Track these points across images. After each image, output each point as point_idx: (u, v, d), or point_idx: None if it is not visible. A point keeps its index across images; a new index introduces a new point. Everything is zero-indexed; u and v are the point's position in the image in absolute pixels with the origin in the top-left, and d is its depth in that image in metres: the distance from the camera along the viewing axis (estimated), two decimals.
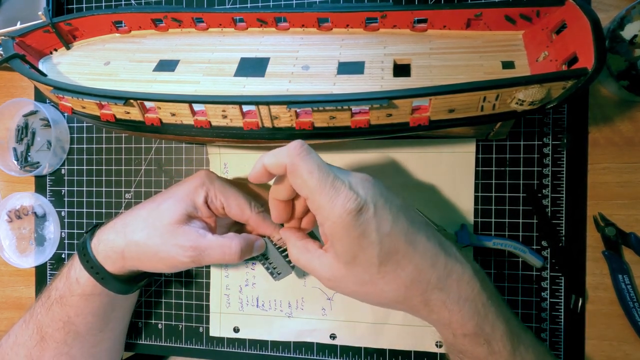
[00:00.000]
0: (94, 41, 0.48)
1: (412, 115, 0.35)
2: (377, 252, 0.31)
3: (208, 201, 0.42)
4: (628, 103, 0.43)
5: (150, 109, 0.39)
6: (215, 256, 0.40)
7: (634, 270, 0.43)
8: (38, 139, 0.57)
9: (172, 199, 0.41)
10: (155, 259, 0.40)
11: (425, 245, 0.33)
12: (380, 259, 0.32)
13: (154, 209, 0.41)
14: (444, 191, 0.46)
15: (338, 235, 0.31)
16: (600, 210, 0.44)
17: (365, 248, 0.31)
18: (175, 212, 0.40)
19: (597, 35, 0.30)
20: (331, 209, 0.31)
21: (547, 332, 0.44)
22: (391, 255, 0.32)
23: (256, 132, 0.38)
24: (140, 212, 0.41)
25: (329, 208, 0.31)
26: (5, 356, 0.44)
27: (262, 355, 0.50)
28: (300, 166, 0.31)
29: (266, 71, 0.40)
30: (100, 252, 0.41)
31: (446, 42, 0.40)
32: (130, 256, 0.40)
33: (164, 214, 0.40)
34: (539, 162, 0.45)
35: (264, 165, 0.33)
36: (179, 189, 0.42)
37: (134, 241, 0.40)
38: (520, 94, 0.32)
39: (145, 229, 0.40)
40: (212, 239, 0.40)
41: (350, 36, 0.43)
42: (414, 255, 0.32)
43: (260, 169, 0.33)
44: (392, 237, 0.32)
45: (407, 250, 0.32)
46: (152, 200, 0.42)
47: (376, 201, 0.32)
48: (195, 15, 0.45)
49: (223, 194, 0.42)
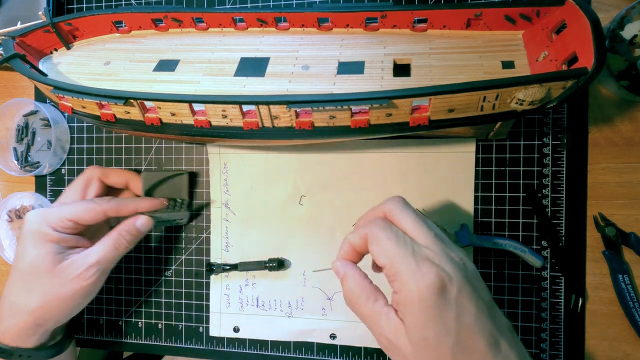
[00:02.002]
0: (94, 41, 0.48)
1: (412, 115, 0.35)
2: (452, 343, 0.28)
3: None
4: (628, 103, 0.43)
5: (150, 109, 0.39)
6: (112, 253, 0.42)
7: (634, 270, 0.43)
8: (38, 139, 0.57)
9: (30, 254, 0.41)
10: (67, 303, 0.41)
11: (507, 353, 0.29)
12: (454, 352, 0.28)
13: (26, 276, 0.41)
14: (444, 191, 0.46)
15: (412, 309, 0.29)
16: (600, 210, 0.44)
17: (439, 333, 0.28)
18: (45, 259, 0.41)
19: (597, 35, 0.30)
20: (411, 277, 0.29)
21: (547, 332, 0.44)
22: (467, 351, 0.28)
23: (256, 131, 0.38)
24: (15, 285, 0.42)
25: (409, 276, 0.29)
26: None
27: (262, 355, 0.50)
28: (380, 235, 0.30)
29: (266, 71, 0.40)
30: (8, 336, 0.41)
31: (446, 42, 0.40)
32: (45, 319, 0.41)
33: (38, 268, 0.41)
34: (539, 162, 0.45)
35: (350, 243, 0.33)
36: (26, 244, 0.42)
37: (37, 307, 0.41)
38: (520, 93, 0.32)
39: (34, 292, 0.41)
40: (99, 246, 0.42)
41: (350, 36, 0.43)
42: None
43: (348, 249, 0.33)
44: (473, 333, 0.28)
45: (486, 352, 0.28)
46: (17, 270, 0.42)
47: (463, 285, 0.29)
48: (195, 15, 0.45)
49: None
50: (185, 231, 0.52)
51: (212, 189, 0.51)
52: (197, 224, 0.52)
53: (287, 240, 0.49)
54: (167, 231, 0.52)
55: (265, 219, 0.50)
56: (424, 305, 0.28)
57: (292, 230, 0.49)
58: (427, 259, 0.29)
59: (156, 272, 0.53)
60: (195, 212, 0.52)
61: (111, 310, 0.54)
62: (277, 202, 0.49)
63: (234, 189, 0.50)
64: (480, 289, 0.30)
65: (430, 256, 0.30)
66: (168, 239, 0.52)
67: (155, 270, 0.53)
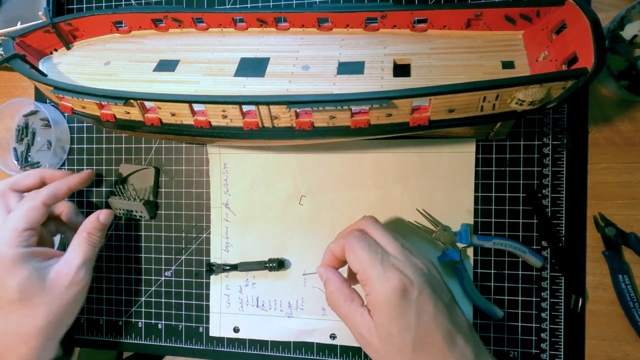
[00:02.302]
0: (94, 41, 0.48)
1: (412, 115, 0.35)
2: (412, 337, 0.32)
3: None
4: (628, 103, 0.43)
5: (150, 109, 0.39)
6: (91, 251, 0.44)
7: (634, 270, 0.43)
8: (38, 139, 0.57)
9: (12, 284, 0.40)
10: (71, 308, 0.43)
11: (463, 348, 0.33)
12: (414, 346, 0.32)
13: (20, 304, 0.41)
14: (444, 191, 0.46)
15: (380, 308, 0.33)
16: (600, 210, 0.44)
17: (401, 329, 0.32)
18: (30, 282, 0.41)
19: (597, 35, 0.30)
20: (379, 281, 0.33)
21: (547, 332, 0.44)
22: (426, 345, 0.32)
23: (256, 132, 0.38)
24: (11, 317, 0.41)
25: (377, 280, 0.33)
26: None
27: (262, 355, 0.50)
28: (355, 245, 0.35)
29: (266, 71, 0.40)
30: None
31: (446, 42, 0.40)
32: (56, 331, 0.43)
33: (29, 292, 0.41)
34: (539, 162, 0.45)
35: (331, 251, 0.38)
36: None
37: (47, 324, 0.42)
38: (520, 94, 0.32)
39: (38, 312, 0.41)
40: (76, 249, 0.44)
41: (350, 36, 0.43)
42: (449, 355, 0.32)
43: (330, 256, 0.38)
44: (430, 328, 0.32)
45: (443, 347, 0.32)
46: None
47: (423, 288, 0.33)
48: (195, 15, 0.45)
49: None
50: (185, 231, 0.52)
51: (212, 189, 0.51)
52: (197, 224, 0.52)
53: (287, 241, 0.49)
54: (167, 231, 0.52)
55: (265, 219, 0.50)
56: (389, 305, 0.33)
57: (292, 230, 0.49)
58: (393, 266, 0.34)
59: (156, 272, 0.53)
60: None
61: (111, 310, 0.54)
62: (277, 202, 0.49)
63: (234, 189, 0.50)
64: (441, 291, 0.34)
65: (396, 263, 0.34)
66: (168, 239, 0.52)
67: (155, 270, 0.53)
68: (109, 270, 0.54)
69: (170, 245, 0.52)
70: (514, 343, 0.45)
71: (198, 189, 0.52)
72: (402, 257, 0.35)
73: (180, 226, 0.52)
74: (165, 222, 0.52)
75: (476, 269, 0.46)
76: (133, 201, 0.51)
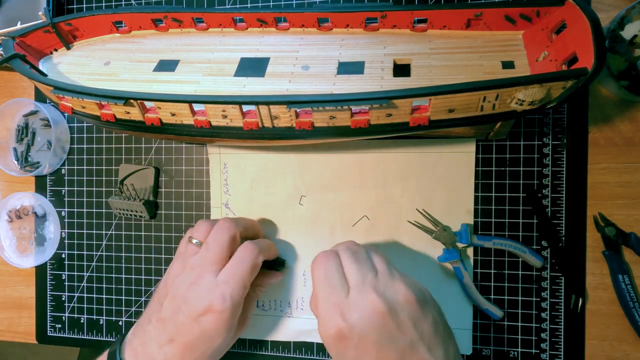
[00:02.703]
0: (94, 41, 0.48)
1: (412, 115, 0.35)
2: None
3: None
4: (628, 103, 0.43)
5: (150, 109, 0.39)
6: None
7: (634, 270, 0.43)
8: (38, 139, 0.57)
9: (220, 338, 0.38)
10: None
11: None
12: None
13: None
14: (444, 191, 0.46)
15: (324, 341, 0.34)
16: (600, 210, 0.44)
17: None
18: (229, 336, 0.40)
19: (597, 35, 0.30)
20: (322, 320, 0.34)
21: (547, 332, 0.44)
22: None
23: (256, 132, 0.38)
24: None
25: (321, 319, 0.34)
26: None
27: (262, 355, 0.50)
28: (316, 270, 0.36)
29: (266, 71, 0.40)
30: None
31: (446, 42, 0.40)
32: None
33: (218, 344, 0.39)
34: (539, 162, 0.45)
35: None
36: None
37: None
38: (520, 94, 0.32)
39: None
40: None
41: (350, 36, 0.43)
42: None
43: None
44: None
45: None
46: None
47: (366, 334, 0.32)
48: (195, 15, 0.45)
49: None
50: (185, 231, 0.52)
51: (212, 189, 0.51)
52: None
53: (287, 240, 0.49)
54: (167, 231, 0.52)
55: (265, 219, 0.50)
56: (328, 346, 0.34)
57: (292, 230, 0.49)
58: (338, 307, 0.33)
59: (156, 272, 0.53)
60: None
61: (111, 310, 0.54)
62: (277, 202, 0.49)
63: (234, 189, 0.50)
64: (395, 336, 0.32)
65: (344, 306, 0.33)
66: (168, 238, 0.52)
67: (155, 270, 0.53)
68: (109, 270, 0.54)
69: (170, 245, 0.52)
70: (514, 343, 0.45)
71: (198, 189, 0.52)
72: (358, 296, 0.33)
73: (180, 226, 0.52)
74: (165, 222, 0.52)
75: (476, 269, 0.46)
76: (133, 201, 0.51)
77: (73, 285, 0.55)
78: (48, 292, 0.56)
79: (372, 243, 0.47)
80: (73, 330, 0.55)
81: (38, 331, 0.56)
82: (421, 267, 0.46)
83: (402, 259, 0.46)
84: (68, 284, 0.55)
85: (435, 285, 0.46)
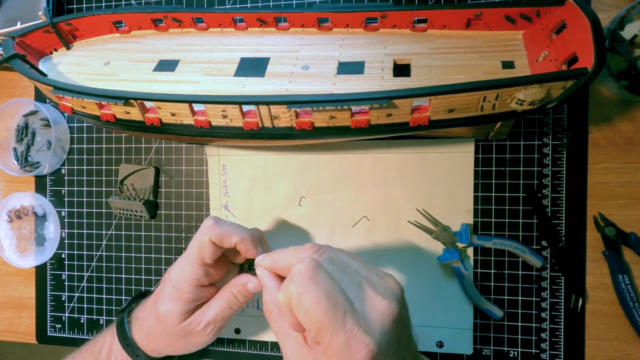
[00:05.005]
0: (94, 41, 0.48)
1: (412, 115, 0.35)
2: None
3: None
4: (628, 103, 0.43)
5: (150, 109, 0.39)
6: (226, 312, 0.41)
7: (634, 270, 0.43)
8: (38, 139, 0.57)
9: (166, 305, 0.40)
10: (187, 349, 0.43)
11: None
12: None
13: (157, 319, 0.41)
14: (444, 191, 0.46)
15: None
16: (600, 210, 0.44)
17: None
18: (173, 315, 0.40)
19: (597, 35, 0.30)
20: (338, 353, 0.26)
21: (547, 332, 0.44)
22: None
23: (256, 132, 0.38)
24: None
25: (336, 352, 0.26)
26: None
27: (262, 355, 0.50)
28: (305, 296, 0.26)
29: (266, 71, 0.40)
30: (136, 332, 0.43)
31: (446, 42, 0.40)
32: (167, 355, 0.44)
33: (166, 321, 0.41)
34: (539, 162, 0.45)
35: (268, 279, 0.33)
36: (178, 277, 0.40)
37: (164, 347, 0.42)
38: (520, 93, 0.32)
39: (160, 340, 0.42)
40: (214, 305, 0.41)
41: (350, 36, 0.43)
42: None
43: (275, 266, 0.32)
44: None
45: None
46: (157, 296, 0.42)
47: (389, 348, 0.27)
48: (195, 15, 0.45)
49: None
50: (185, 231, 0.52)
51: (211, 191, 0.51)
52: (197, 224, 0.52)
53: (287, 242, 0.49)
54: (167, 231, 0.52)
55: (264, 220, 0.50)
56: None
57: (291, 231, 0.49)
58: (355, 329, 0.26)
59: (156, 272, 0.53)
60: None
61: (111, 311, 0.54)
62: (276, 204, 0.49)
63: (233, 190, 0.50)
64: (407, 340, 0.29)
65: (359, 323, 0.27)
66: (168, 238, 0.52)
67: (155, 270, 0.53)
68: (109, 270, 0.54)
69: (170, 245, 0.52)
70: (514, 343, 0.45)
71: (198, 189, 0.52)
72: (366, 301, 0.28)
73: (180, 226, 0.52)
74: (165, 222, 0.52)
75: (476, 269, 0.46)
76: (133, 201, 0.51)
77: (73, 285, 0.55)
78: (48, 292, 0.56)
79: (373, 243, 0.47)
80: (73, 330, 0.55)
81: (38, 331, 0.56)
82: (421, 267, 0.46)
83: (402, 259, 0.46)
84: (68, 284, 0.55)
85: (435, 285, 0.46)
